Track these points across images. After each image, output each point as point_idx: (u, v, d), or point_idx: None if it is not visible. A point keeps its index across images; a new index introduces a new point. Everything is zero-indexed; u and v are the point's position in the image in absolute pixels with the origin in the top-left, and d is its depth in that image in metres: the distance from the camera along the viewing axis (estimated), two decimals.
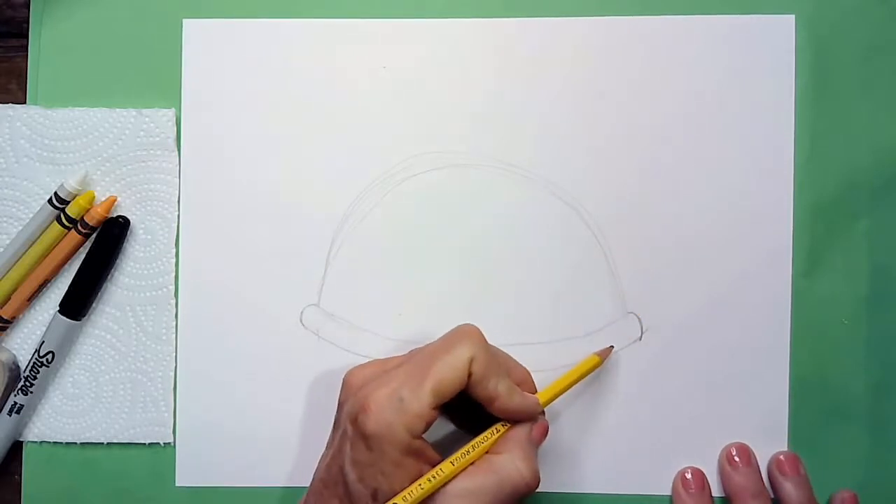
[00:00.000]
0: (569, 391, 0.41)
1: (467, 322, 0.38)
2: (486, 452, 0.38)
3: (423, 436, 0.36)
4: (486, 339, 0.38)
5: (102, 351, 0.44)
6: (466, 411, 0.39)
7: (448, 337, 0.38)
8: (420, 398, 0.35)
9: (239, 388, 0.44)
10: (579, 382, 0.41)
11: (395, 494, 0.35)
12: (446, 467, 0.36)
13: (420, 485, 0.35)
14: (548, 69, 0.44)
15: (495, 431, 0.38)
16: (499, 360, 0.38)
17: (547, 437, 0.40)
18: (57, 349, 0.43)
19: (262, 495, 0.44)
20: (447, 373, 0.36)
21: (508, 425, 0.38)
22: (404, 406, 0.35)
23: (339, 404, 0.39)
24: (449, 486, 0.36)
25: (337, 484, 0.36)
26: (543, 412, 0.39)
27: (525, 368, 0.40)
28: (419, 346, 0.39)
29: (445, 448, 0.39)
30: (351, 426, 0.36)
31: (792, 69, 0.43)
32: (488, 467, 0.37)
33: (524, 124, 0.44)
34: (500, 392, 0.37)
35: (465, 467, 0.37)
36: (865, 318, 0.43)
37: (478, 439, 0.38)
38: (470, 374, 0.36)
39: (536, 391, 0.40)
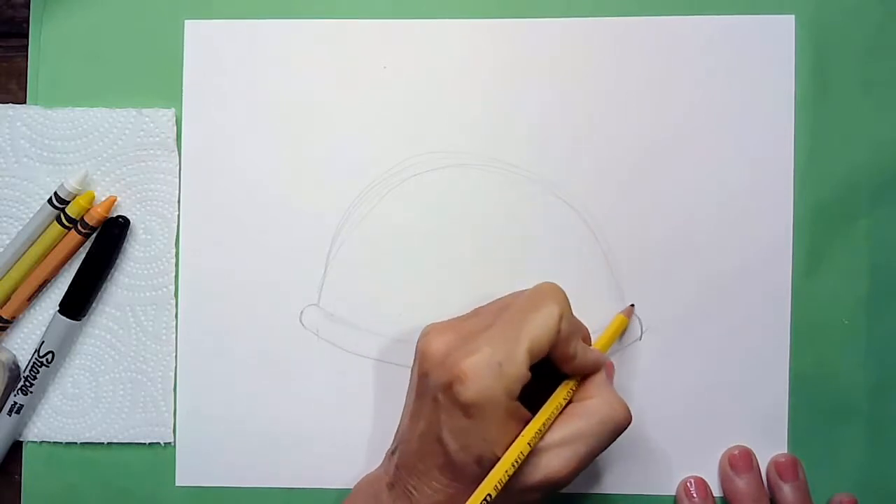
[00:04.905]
0: None
1: (547, 280, 0.38)
2: (571, 402, 0.38)
3: None
4: (567, 297, 0.37)
5: (102, 351, 0.44)
6: None
7: (534, 295, 0.37)
8: (517, 361, 0.35)
9: (239, 389, 0.44)
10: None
11: (498, 459, 0.35)
12: (540, 426, 0.36)
13: (521, 452, 0.35)
14: (548, 69, 0.44)
15: (569, 386, 0.38)
16: (577, 319, 0.38)
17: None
18: (57, 349, 0.43)
19: (262, 495, 0.44)
20: (541, 332, 0.36)
21: (577, 380, 0.38)
22: (503, 371, 0.35)
23: (419, 375, 0.37)
24: (545, 441, 0.36)
25: (435, 454, 0.36)
26: None
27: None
28: (484, 305, 0.39)
29: None
30: (444, 396, 0.35)
31: (792, 69, 0.43)
32: (583, 412, 0.37)
33: (524, 124, 0.44)
34: (578, 351, 0.37)
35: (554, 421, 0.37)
36: (865, 318, 0.43)
37: (556, 396, 0.37)
38: (558, 332, 0.36)
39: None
